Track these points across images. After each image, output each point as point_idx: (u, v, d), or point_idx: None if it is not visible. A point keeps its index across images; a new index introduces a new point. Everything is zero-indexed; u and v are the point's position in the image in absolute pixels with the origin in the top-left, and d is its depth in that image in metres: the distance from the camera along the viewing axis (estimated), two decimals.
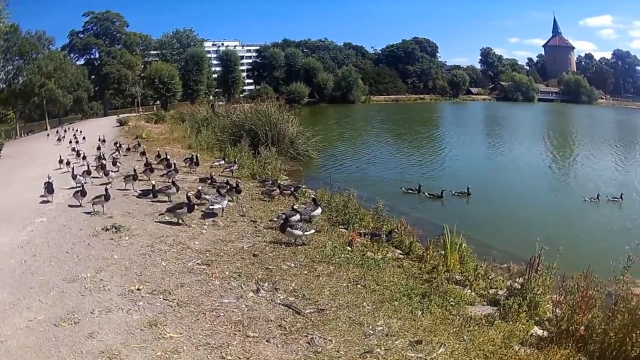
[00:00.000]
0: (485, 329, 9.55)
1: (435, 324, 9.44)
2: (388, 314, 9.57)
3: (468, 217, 26.85)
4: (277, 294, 9.95)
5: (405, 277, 12.09)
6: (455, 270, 13.72)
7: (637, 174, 44.36)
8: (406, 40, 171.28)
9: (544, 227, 25.17)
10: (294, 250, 12.71)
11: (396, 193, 31.58)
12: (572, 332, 9.26)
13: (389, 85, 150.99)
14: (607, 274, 9.54)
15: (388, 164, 43.72)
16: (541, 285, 11.09)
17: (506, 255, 17.63)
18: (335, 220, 17.51)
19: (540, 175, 42.41)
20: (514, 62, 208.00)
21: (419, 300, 10.55)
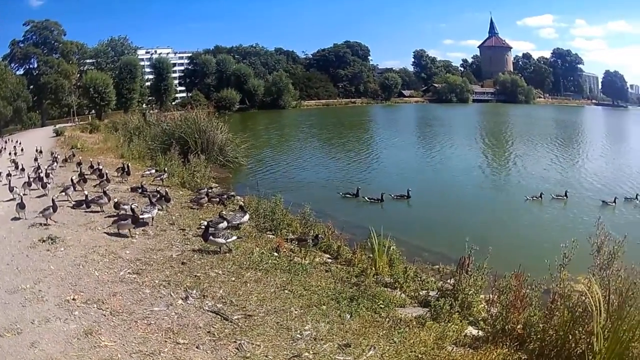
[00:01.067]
0: (416, 330, 9.71)
1: (364, 327, 9.58)
2: (316, 318, 9.69)
3: (405, 220, 27.33)
4: (206, 301, 10.04)
5: (334, 281, 12.21)
6: (385, 272, 13.79)
7: (579, 172, 45.65)
8: (338, 44, 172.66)
9: (484, 227, 25.77)
10: (222, 258, 12.84)
11: (333, 198, 31.72)
12: (508, 331, 9.49)
13: (320, 89, 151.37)
14: (546, 271, 9.57)
15: (321, 169, 43.86)
16: (472, 286, 11.27)
17: (441, 256, 17.87)
18: (263, 227, 17.58)
19: (482, 176, 42.93)
20: (448, 64, 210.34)
21: (347, 304, 10.64)
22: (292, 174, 40.75)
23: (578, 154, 61.22)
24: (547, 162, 50.57)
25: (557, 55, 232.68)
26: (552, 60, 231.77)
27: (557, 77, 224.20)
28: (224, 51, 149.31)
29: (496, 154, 58.30)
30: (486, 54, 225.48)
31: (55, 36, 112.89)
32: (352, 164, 46.97)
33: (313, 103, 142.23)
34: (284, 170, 42.34)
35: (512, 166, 48.08)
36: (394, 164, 47.32)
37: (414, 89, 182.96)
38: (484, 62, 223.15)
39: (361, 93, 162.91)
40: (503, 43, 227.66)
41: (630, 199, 33.86)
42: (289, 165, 44.82)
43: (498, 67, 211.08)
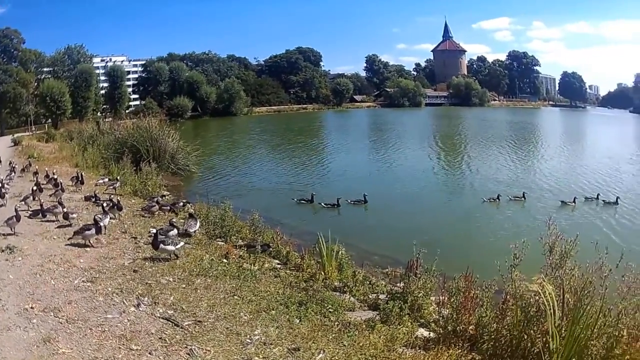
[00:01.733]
0: (366, 333, 9.76)
1: (313, 331, 9.63)
2: (265, 323, 9.79)
3: (357, 224, 27.56)
4: (157, 308, 10.09)
5: (282, 287, 12.30)
6: (334, 277, 14.05)
7: (536, 173, 46.55)
8: (290, 51, 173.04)
9: (440, 230, 26.23)
10: (172, 265, 12.96)
11: (288, 204, 31.92)
12: (460, 332, 9.61)
13: (272, 96, 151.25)
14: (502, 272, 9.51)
15: (272, 175, 43.99)
16: (422, 288, 11.43)
17: (391, 260, 18.00)
18: (213, 234, 17.69)
19: (438, 179, 43.52)
20: (401, 68, 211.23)
21: (296, 309, 10.69)
22: (243, 180, 40.84)
23: (534, 155, 62.23)
24: (503, 164, 51.47)
25: (513, 58, 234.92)
26: (508, 62, 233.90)
27: (512, 80, 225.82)
28: (177, 58, 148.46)
29: (451, 157, 58.97)
30: (440, 57, 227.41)
31: (15, 44, 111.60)
32: (305, 169, 47.10)
33: (264, 110, 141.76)
34: (235, 177, 42.43)
35: (468, 169, 48.57)
36: (347, 169, 47.52)
37: (366, 94, 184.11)
38: (437, 66, 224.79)
39: (313, 99, 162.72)
40: (457, 46, 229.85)
41: (591, 199, 34.50)
42: (240, 172, 45.00)
43: (452, 70, 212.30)
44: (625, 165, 53.74)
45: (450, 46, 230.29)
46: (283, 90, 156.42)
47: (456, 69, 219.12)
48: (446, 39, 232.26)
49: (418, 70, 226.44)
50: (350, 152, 61.55)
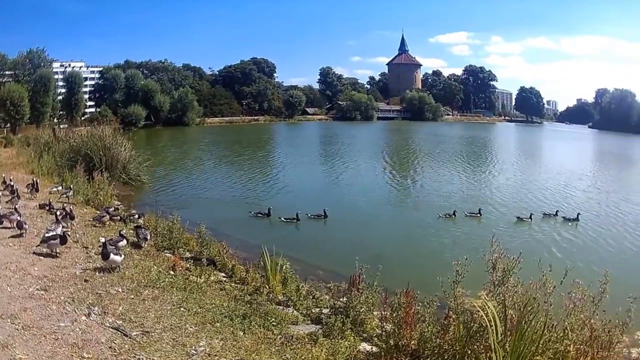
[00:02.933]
0: (309, 346, 10.05)
1: (257, 344, 9.86)
2: (210, 335, 10.00)
3: (305, 239, 27.60)
4: (107, 318, 10.18)
5: (227, 299, 12.52)
6: (278, 291, 14.09)
7: (490, 189, 46.38)
8: (244, 61, 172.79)
9: (393, 245, 26.45)
10: (122, 276, 13.07)
11: (241, 217, 31.57)
12: (402, 347, 9.75)
13: (224, 106, 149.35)
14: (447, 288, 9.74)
15: (225, 187, 43.32)
16: (364, 303, 11.69)
17: (335, 275, 17.75)
18: (161, 245, 17.76)
19: (394, 194, 43.18)
20: (355, 81, 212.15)
21: (240, 321, 10.91)
22: (194, 192, 40.36)
23: (488, 171, 62.30)
24: (458, 180, 51.49)
25: (469, 72, 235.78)
26: (464, 77, 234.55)
27: (468, 94, 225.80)
28: (134, 66, 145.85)
29: (406, 172, 58.60)
30: (395, 71, 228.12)
31: None
32: (256, 182, 46.86)
33: (217, 120, 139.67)
34: (186, 188, 41.92)
35: (424, 184, 48.22)
36: (299, 183, 47.37)
37: (318, 107, 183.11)
38: (391, 80, 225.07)
39: (265, 110, 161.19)
40: (413, 60, 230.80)
41: (550, 215, 34.25)
42: (191, 184, 44.46)
43: (406, 84, 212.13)
44: (576, 181, 54.30)
45: (405, 60, 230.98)
46: (236, 101, 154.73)
47: (410, 83, 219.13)
48: (402, 53, 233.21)
49: (372, 84, 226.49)
50: (302, 165, 61.27)
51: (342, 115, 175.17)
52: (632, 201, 42.59)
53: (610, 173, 65.92)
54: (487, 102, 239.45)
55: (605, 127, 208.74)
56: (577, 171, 62.95)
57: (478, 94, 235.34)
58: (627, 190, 49.10)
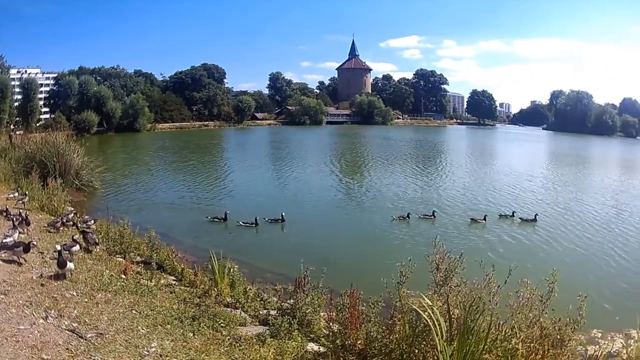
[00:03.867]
0: (257, 347, 10.24)
1: (206, 345, 10.05)
2: (161, 336, 10.18)
3: (257, 243, 27.70)
4: (63, 320, 10.26)
5: (177, 302, 12.64)
6: (226, 293, 14.20)
7: (443, 191, 46.74)
8: (195, 67, 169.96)
9: (344, 248, 27.00)
10: (75, 280, 13.12)
11: (196, 222, 31.64)
12: (349, 347, 9.87)
13: (175, 112, 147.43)
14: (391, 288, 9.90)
15: (177, 192, 42.99)
16: (310, 304, 11.89)
17: (285, 277, 17.71)
18: (113, 250, 17.77)
19: (347, 197, 43.28)
20: (304, 86, 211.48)
21: (190, 323, 11.00)
22: (146, 197, 40.37)
23: (440, 173, 62.64)
24: (410, 183, 51.90)
25: (420, 76, 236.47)
26: (415, 81, 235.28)
27: (418, 98, 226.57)
28: (88, 72, 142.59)
29: (359, 175, 59.19)
30: (344, 75, 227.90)
31: None
32: (208, 187, 46.80)
33: (167, 126, 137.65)
34: (138, 193, 41.87)
35: (377, 187, 48.12)
36: (252, 187, 47.36)
37: (268, 112, 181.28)
38: (341, 84, 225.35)
39: (214, 116, 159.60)
40: (363, 65, 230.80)
41: (506, 216, 34.44)
42: (142, 189, 44.28)
43: (356, 88, 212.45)
44: (527, 182, 55.04)
45: (356, 64, 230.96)
46: (186, 107, 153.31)
47: (360, 87, 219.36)
48: (352, 57, 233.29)
49: (322, 89, 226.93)
50: (253, 170, 60.92)
51: (291, 120, 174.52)
52: (585, 201, 43.65)
53: (563, 173, 67.24)
54: (438, 106, 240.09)
55: (560, 129, 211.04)
56: (528, 172, 63.99)
57: (429, 98, 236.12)
58: (580, 191, 50.52)
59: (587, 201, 43.73)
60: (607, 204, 43.07)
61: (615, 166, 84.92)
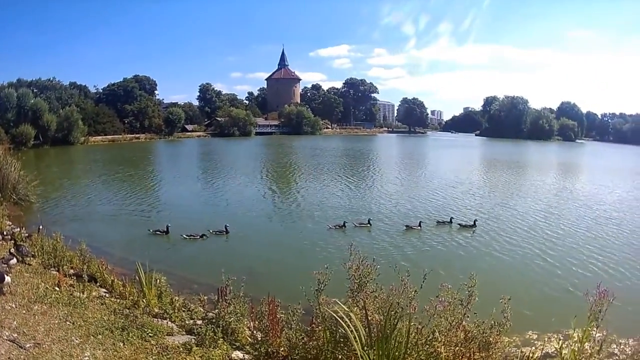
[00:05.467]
0: (183, 355, 10.43)
1: (135, 354, 10.25)
2: (94, 346, 10.31)
3: (188, 254, 27.25)
4: (4, 331, 10.35)
5: (108, 313, 12.74)
6: (154, 304, 14.20)
7: (377, 199, 46.33)
8: (127, 79, 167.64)
9: (276, 257, 26.86)
10: (13, 292, 13.13)
11: (140, 235, 30.98)
12: (273, 354, 10.10)
13: (107, 125, 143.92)
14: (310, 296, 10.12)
15: (112, 204, 42.12)
16: (233, 313, 11.76)
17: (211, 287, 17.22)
18: (48, 263, 17.83)
19: (284, 208, 42.51)
20: (234, 97, 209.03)
21: (120, 333, 11.12)
22: (80, 210, 39.32)
23: (373, 181, 62.21)
24: (345, 191, 51.42)
25: (350, 85, 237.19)
26: (344, 90, 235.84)
27: (347, 107, 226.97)
28: (25, 84, 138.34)
29: (291, 186, 58.41)
30: (273, 86, 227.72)
31: None
32: (143, 200, 45.52)
33: (100, 139, 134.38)
34: (73, 207, 40.69)
35: (312, 197, 47.45)
36: (188, 199, 46.77)
37: (198, 123, 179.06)
38: (270, 95, 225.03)
39: (146, 128, 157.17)
40: (292, 75, 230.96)
41: (444, 223, 34.28)
42: (77, 202, 42.95)
43: (285, 99, 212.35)
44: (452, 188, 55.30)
45: (285, 74, 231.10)
46: (118, 120, 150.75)
47: (289, 97, 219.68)
48: (282, 68, 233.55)
49: (251, 99, 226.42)
50: (187, 182, 59.50)
51: (221, 131, 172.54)
52: (521, 206, 44.12)
53: (493, 179, 68.38)
54: (367, 114, 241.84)
55: (494, 135, 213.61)
56: (460, 178, 64.44)
57: (358, 107, 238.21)
58: (514, 196, 50.99)
59: (523, 206, 44.22)
60: (539, 208, 43.49)
61: (548, 170, 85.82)
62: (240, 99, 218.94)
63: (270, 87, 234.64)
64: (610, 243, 31.39)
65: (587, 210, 43.00)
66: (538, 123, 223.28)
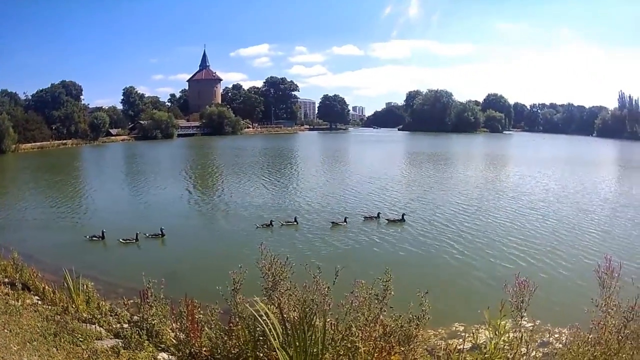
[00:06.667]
0: (112, 359, 10.32)
1: (68, 358, 10.16)
2: (30, 353, 10.14)
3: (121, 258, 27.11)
4: None
5: (41, 320, 12.56)
6: (82, 309, 14.07)
7: (302, 197, 46.15)
8: (54, 85, 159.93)
9: (201, 258, 26.78)
10: None
11: (77, 241, 30.40)
12: (196, 354, 9.98)
13: (36, 132, 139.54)
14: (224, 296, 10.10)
15: (46, 212, 41.08)
16: (155, 315, 11.52)
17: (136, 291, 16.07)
18: None
19: (211, 209, 42.58)
20: (156, 100, 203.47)
21: (53, 339, 10.94)
22: (15, 218, 38.64)
23: (297, 179, 62.69)
24: (269, 190, 51.57)
25: (270, 84, 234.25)
26: (265, 89, 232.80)
27: (268, 106, 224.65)
28: None
29: (216, 187, 58.57)
30: (195, 87, 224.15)
31: None
32: (77, 205, 45.27)
33: (29, 146, 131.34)
34: (7, 216, 39.77)
35: (238, 197, 47.15)
36: (119, 204, 46.46)
37: (122, 127, 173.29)
38: (192, 96, 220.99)
39: (72, 134, 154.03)
40: (213, 75, 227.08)
41: (371, 218, 34.35)
42: (12, 211, 42.01)
43: (206, 100, 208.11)
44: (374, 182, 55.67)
45: (206, 75, 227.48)
46: (46, 126, 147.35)
47: (210, 98, 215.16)
48: (203, 69, 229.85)
49: (173, 101, 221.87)
50: (115, 186, 58.89)
51: (144, 134, 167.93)
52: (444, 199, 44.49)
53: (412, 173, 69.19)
54: (288, 113, 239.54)
55: (417, 128, 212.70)
56: (382, 173, 64.70)
57: (279, 105, 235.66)
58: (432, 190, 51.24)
59: (444, 200, 44.42)
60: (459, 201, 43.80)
61: (470, 162, 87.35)
62: (162, 101, 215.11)
63: (191, 88, 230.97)
64: (533, 234, 31.93)
65: (510, 202, 43.70)
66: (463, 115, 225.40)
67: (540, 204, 42.72)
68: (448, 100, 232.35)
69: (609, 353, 7.76)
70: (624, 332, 7.84)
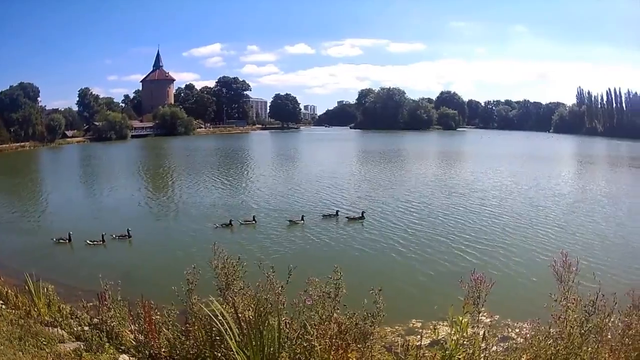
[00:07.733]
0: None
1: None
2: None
3: (83, 261, 26.20)
4: None
5: (6, 324, 12.27)
6: (44, 313, 13.86)
7: (258, 196, 45.77)
8: (13, 87, 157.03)
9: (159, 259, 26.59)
10: None
11: (44, 244, 29.45)
12: (155, 355, 9.83)
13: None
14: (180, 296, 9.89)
15: (12, 214, 40.19)
16: (114, 317, 11.37)
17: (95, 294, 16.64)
18: None
19: (167, 209, 41.84)
20: (110, 101, 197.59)
21: (18, 343, 10.77)
22: None
23: (252, 179, 61.76)
24: (227, 190, 51.21)
25: (222, 84, 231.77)
26: (217, 89, 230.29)
27: (220, 106, 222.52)
28: None
29: (171, 187, 57.97)
30: (148, 88, 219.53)
31: None
32: (39, 207, 44.17)
33: None
34: None
35: (194, 197, 46.70)
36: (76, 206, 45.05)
37: (77, 129, 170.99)
38: (145, 97, 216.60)
39: (30, 136, 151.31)
40: (166, 76, 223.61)
41: (330, 216, 34.34)
42: None
43: (159, 100, 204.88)
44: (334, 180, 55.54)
45: (159, 76, 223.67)
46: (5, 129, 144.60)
47: (164, 98, 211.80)
48: (156, 69, 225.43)
49: (127, 102, 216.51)
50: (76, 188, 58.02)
51: (99, 136, 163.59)
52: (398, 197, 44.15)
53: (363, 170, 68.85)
54: (240, 112, 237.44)
55: (369, 126, 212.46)
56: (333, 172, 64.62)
57: (231, 105, 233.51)
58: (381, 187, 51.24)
59: (400, 197, 44.07)
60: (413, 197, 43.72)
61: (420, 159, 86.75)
62: (117, 102, 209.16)
63: (145, 89, 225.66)
64: (486, 230, 31.99)
65: (460, 198, 43.71)
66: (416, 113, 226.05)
67: (492, 201, 42.71)
68: (401, 98, 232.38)
69: (572, 347, 7.90)
70: (586, 326, 7.97)
